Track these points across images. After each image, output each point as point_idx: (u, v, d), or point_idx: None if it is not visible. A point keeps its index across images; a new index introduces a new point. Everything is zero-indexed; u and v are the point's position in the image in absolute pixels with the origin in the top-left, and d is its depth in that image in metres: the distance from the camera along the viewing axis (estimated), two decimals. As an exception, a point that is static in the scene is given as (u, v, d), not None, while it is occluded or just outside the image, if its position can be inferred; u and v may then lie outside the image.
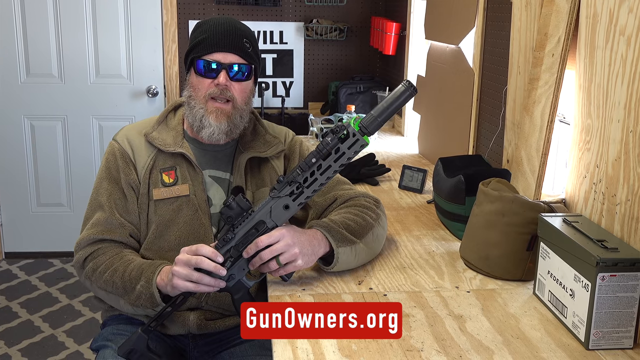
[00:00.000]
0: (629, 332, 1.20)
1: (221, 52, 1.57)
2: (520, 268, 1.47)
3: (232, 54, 1.57)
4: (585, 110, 1.47)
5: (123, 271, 1.51)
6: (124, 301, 1.51)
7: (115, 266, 1.52)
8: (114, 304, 1.56)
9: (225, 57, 1.57)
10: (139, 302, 1.48)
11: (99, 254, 1.56)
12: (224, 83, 1.56)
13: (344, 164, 1.36)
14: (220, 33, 1.57)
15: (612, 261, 1.16)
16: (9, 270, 3.69)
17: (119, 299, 1.52)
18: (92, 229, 1.58)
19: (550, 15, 1.68)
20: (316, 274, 1.50)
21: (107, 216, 1.58)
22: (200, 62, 1.58)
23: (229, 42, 1.57)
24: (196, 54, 1.58)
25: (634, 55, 1.26)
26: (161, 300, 1.45)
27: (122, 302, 1.52)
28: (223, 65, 1.57)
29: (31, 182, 3.79)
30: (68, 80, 3.69)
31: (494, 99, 2.13)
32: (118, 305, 1.55)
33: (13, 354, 2.83)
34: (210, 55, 1.57)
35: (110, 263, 1.53)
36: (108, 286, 1.52)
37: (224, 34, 1.57)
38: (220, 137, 1.60)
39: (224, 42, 1.57)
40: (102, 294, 1.56)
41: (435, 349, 1.18)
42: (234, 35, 1.58)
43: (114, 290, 1.52)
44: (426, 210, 2.03)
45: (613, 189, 1.33)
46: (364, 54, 3.94)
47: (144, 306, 1.48)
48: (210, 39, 1.57)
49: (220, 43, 1.56)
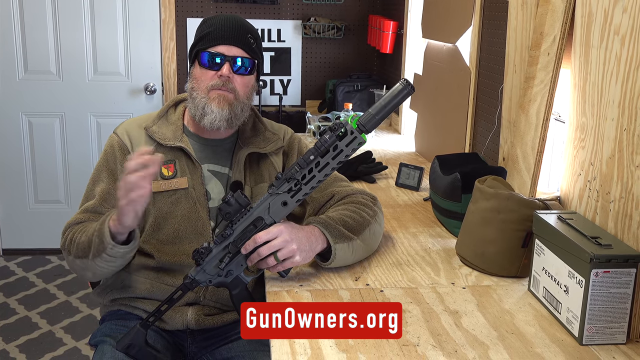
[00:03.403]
0: (622, 328, 1.21)
1: (225, 45, 1.59)
2: (515, 265, 1.49)
3: (236, 47, 1.59)
4: (580, 109, 1.49)
5: (89, 229, 1.51)
6: (90, 261, 1.48)
7: (85, 229, 1.53)
8: (90, 274, 1.54)
9: (229, 49, 1.59)
10: (95, 249, 1.45)
11: (78, 227, 1.56)
12: (227, 74, 1.58)
13: (341, 161, 1.37)
14: (226, 27, 1.60)
15: (605, 257, 1.18)
16: (6, 266, 3.70)
17: (87, 261, 1.50)
18: (81, 215, 1.60)
19: (545, 15, 1.69)
20: (313, 270, 1.51)
21: (96, 205, 1.60)
22: (204, 55, 1.59)
23: (234, 36, 1.59)
24: (201, 46, 1.60)
25: (628, 54, 1.28)
26: (110, 239, 1.42)
27: (90, 263, 1.49)
28: (227, 58, 1.58)
29: (29, 178, 3.79)
30: (66, 77, 3.70)
31: (490, 97, 2.15)
32: (91, 272, 1.53)
33: (11, 350, 2.84)
34: (214, 47, 1.59)
35: (82, 228, 1.54)
36: (79, 250, 1.51)
37: (229, 28, 1.60)
38: (222, 124, 1.59)
39: (229, 36, 1.59)
40: (78, 264, 1.53)
41: (431, 343, 1.20)
42: (238, 29, 1.60)
43: (83, 253, 1.50)
44: (423, 207, 2.04)
45: (607, 186, 1.35)
46: (362, 52, 3.95)
47: (99, 251, 1.45)
48: (216, 32, 1.59)
49: (225, 36, 1.58)
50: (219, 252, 1.41)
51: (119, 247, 1.44)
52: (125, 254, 1.47)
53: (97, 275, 1.57)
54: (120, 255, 1.47)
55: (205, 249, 1.40)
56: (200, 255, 1.40)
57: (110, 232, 1.43)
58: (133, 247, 1.48)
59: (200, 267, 1.41)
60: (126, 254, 1.48)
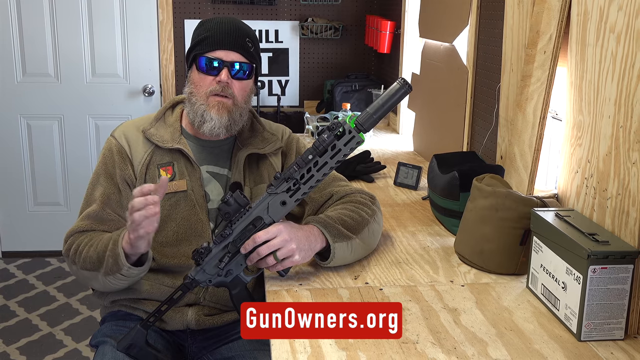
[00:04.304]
0: (620, 324, 1.22)
1: (224, 50, 1.59)
2: (513, 262, 1.50)
3: (235, 52, 1.59)
4: (576, 107, 1.50)
5: (98, 243, 1.51)
6: (102, 276, 1.50)
7: (92, 242, 1.53)
8: (98, 285, 1.55)
9: (227, 55, 1.59)
10: (108, 268, 1.47)
11: (83, 238, 1.56)
12: (225, 80, 1.58)
13: (340, 160, 1.38)
14: (224, 31, 1.59)
15: (603, 254, 1.18)
16: (6, 269, 3.70)
17: (98, 275, 1.51)
18: (82, 222, 1.59)
19: (542, 13, 1.70)
20: (313, 269, 1.52)
21: (98, 210, 1.60)
22: (202, 59, 1.59)
23: (232, 41, 1.59)
24: (199, 51, 1.60)
25: (624, 52, 1.28)
26: (126, 261, 1.44)
27: (101, 278, 1.50)
28: (225, 63, 1.59)
29: (28, 181, 3.80)
30: (64, 80, 3.70)
31: (487, 96, 2.15)
32: (100, 284, 1.54)
33: (11, 352, 2.84)
34: (212, 52, 1.59)
35: (89, 241, 1.54)
36: (87, 263, 1.51)
37: (227, 33, 1.59)
38: (221, 131, 1.61)
39: (227, 41, 1.59)
40: (86, 275, 1.54)
41: (430, 341, 1.20)
42: (237, 34, 1.60)
43: (92, 266, 1.51)
44: (421, 206, 2.05)
45: (604, 183, 1.36)
46: (359, 52, 3.96)
47: (112, 271, 1.46)
48: (214, 37, 1.59)
49: (223, 41, 1.58)
50: (218, 252, 1.41)
51: (134, 269, 1.47)
52: (140, 273, 1.50)
53: (106, 288, 1.58)
54: (135, 275, 1.49)
55: (204, 249, 1.40)
56: (200, 255, 1.40)
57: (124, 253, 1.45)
58: (147, 268, 1.51)
59: (200, 267, 1.41)
60: (141, 273, 1.50)
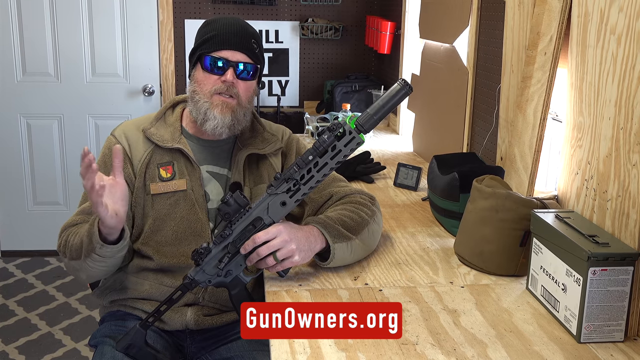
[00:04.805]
0: (619, 326, 1.22)
1: (229, 50, 1.59)
2: (513, 263, 1.50)
3: (240, 52, 1.60)
4: (577, 108, 1.50)
5: (81, 231, 1.49)
6: (82, 261, 1.47)
7: (79, 231, 1.51)
8: (84, 275, 1.53)
9: (233, 55, 1.59)
10: (85, 249, 1.44)
11: (73, 229, 1.55)
12: (230, 80, 1.58)
13: (340, 161, 1.37)
14: (231, 32, 1.60)
15: (603, 256, 1.18)
16: (5, 268, 3.70)
17: (81, 263, 1.48)
18: (76, 217, 1.59)
19: (542, 15, 1.70)
20: (312, 270, 1.52)
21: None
22: (207, 59, 1.60)
23: (238, 41, 1.60)
24: (204, 50, 1.60)
25: (624, 54, 1.28)
26: (99, 238, 1.41)
27: (83, 264, 1.47)
28: (230, 63, 1.59)
29: (27, 180, 3.80)
30: (64, 79, 3.70)
31: (487, 97, 2.15)
32: (85, 273, 1.51)
33: (10, 352, 2.84)
34: (218, 52, 1.59)
35: (76, 230, 1.53)
36: (73, 252, 1.49)
37: (234, 33, 1.60)
38: (223, 130, 1.61)
39: (233, 41, 1.59)
40: (74, 266, 1.52)
41: (429, 342, 1.20)
42: (242, 34, 1.61)
43: (77, 254, 1.48)
44: (421, 207, 2.05)
45: (604, 185, 1.36)
46: (359, 53, 3.96)
47: (88, 251, 1.43)
48: (220, 36, 1.59)
49: (229, 41, 1.59)
50: (218, 253, 1.41)
51: (107, 247, 1.42)
52: (114, 253, 1.45)
53: (90, 277, 1.56)
54: (109, 254, 1.44)
55: (204, 249, 1.40)
56: (200, 255, 1.40)
57: (100, 233, 1.42)
58: (122, 247, 1.46)
59: (199, 267, 1.41)
60: (115, 253, 1.45)
